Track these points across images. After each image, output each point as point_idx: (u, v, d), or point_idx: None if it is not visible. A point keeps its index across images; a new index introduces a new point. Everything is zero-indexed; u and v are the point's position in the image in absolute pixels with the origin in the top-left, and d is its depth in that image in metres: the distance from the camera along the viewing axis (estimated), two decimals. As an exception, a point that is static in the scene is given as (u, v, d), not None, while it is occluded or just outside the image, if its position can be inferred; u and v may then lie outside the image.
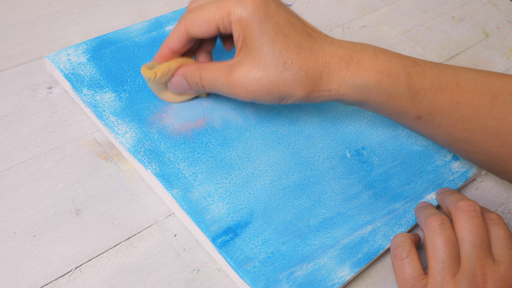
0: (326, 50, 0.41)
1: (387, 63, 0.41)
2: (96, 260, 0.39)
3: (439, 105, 0.41)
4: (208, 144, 0.45)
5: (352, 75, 0.40)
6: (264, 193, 0.43)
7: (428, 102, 0.41)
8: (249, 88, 0.41)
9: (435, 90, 0.41)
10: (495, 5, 0.73)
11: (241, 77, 0.41)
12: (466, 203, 0.40)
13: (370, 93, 0.41)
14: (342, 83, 0.41)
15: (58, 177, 0.42)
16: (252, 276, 0.38)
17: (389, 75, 0.41)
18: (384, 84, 0.41)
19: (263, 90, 0.41)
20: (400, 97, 0.41)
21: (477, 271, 0.37)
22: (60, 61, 0.47)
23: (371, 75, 0.40)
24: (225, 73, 0.41)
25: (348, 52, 0.41)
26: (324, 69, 0.40)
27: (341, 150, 0.47)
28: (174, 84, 0.45)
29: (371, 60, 0.41)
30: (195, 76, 0.43)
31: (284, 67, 0.40)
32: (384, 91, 0.41)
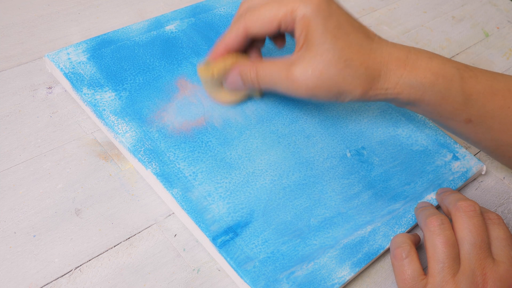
0: (384, 50, 0.42)
1: (442, 66, 0.42)
2: (96, 260, 0.39)
3: (491, 109, 0.43)
4: (209, 143, 0.45)
5: (408, 75, 0.42)
6: (264, 193, 0.43)
7: (480, 106, 0.43)
8: (309, 84, 0.41)
9: (487, 95, 0.42)
10: (495, 5, 0.73)
11: (301, 73, 0.41)
12: (466, 203, 0.40)
13: (425, 94, 0.42)
14: (398, 82, 0.42)
15: (58, 177, 0.42)
16: (252, 276, 0.38)
17: (443, 77, 0.42)
18: (439, 86, 0.42)
19: (323, 86, 0.41)
20: (453, 99, 0.42)
21: (477, 271, 0.37)
22: (60, 60, 0.47)
23: (427, 76, 0.42)
24: (284, 69, 0.42)
25: (404, 53, 0.42)
26: (383, 68, 0.42)
27: (341, 150, 0.47)
28: (229, 81, 0.45)
29: (427, 62, 0.42)
30: (252, 72, 0.43)
31: (345, 64, 0.41)
32: (438, 92, 0.42)
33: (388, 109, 0.52)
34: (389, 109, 0.52)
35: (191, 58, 0.51)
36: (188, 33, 0.53)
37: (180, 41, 0.52)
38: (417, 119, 0.52)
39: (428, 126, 0.51)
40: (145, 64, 0.49)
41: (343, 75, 0.41)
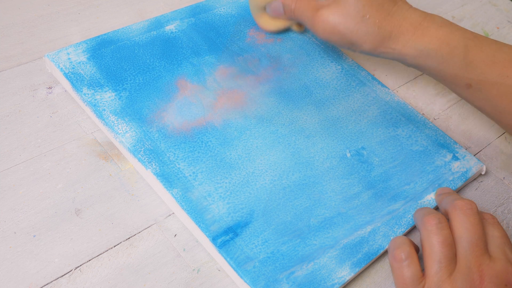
0: (401, 14, 0.47)
1: (449, 34, 0.46)
2: (96, 260, 0.39)
3: (489, 76, 0.46)
4: (208, 143, 0.45)
5: (416, 39, 0.46)
6: (264, 193, 0.43)
7: (479, 72, 0.46)
8: (327, 28, 0.48)
9: (488, 62, 0.46)
10: (495, 5, 0.73)
11: (323, 17, 0.48)
12: (463, 202, 0.40)
13: (428, 58, 0.47)
14: (406, 45, 0.47)
15: (58, 177, 0.42)
16: (252, 276, 0.38)
17: (448, 44, 0.46)
18: (442, 51, 0.46)
19: (337, 34, 0.48)
20: (455, 65, 0.46)
21: (473, 268, 0.37)
22: (60, 60, 0.47)
23: (432, 42, 0.46)
24: (314, 9, 0.49)
25: (419, 19, 0.47)
26: (394, 30, 0.47)
27: (341, 150, 0.47)
28: (272, 7, 0.53)
29: (436, 29, 0.46)
30: (292, 3, 0.51)
31: (362, 19, 0.46)
32: (441, 57, 0.46)
33: (388, 109, 0.52)
34: (389, 109, 0.52)
35: (191, 58, 0.51)
36: (188, 33, 0.53)
37: (180, 41, 0.52)
38: (417, 119, 0.52)
39: (428, 126, 0.51)
40: (145, 64, 0.49)
41: (357, 29, 0.47)
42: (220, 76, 0.50)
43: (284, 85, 0.52)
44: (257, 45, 0.54)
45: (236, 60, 0.52)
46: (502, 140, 0.55)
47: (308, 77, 0.53)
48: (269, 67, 0.53)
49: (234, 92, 0.50)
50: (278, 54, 0.54)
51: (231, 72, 0.51)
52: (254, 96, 0.50)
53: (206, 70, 0.50)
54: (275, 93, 0.51)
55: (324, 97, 0.52)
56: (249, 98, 0.49)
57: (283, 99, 0.50)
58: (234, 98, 0.49)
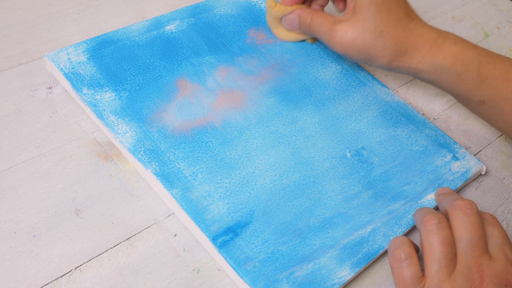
0: (417, 31, 0.48)
1: (463, 51, 0.47)
2: (96, 260, 0.39)
3: (503, 93, 0.47)
4: (208, 143, 0.45)
5: (431, 56, 0.47)
6: (264, 193, 0.43)
7: (493, 89, 0.47)
8: (344, 43, 0.48)
9: (501, 80, 0.47)
10: (495, 5, 0.73)
11: (341, 32, 0.48)
12: (463, 202, 0.40)
13: (443, 74, 0.47)
14: (421, 61, 0.48)
15: (58, 177, 0.42)
16: (252, 276, 0.38)
17: (462, 60, 0.47)
18: (456, 68, 0.47)
19: (355, 48, 0.48)
20: (469, 82, 0.47)
21: (473, 268, 0.37)
22: (60, 60, 0.47)
23: (447, 58, 0.47)
24: (331, 23, 0.49)
25: (434, 36, 0.48)
26: (410, 46, 0.47)
27: (341, 150, 0.47)
28: (287, 20, 0.53)
29: (450, 46, 0.47)
30: (307, 18, 0.52)
31: (380, 34, 0.47)
32: (455, 74, 0.47)
33: (388, 109, 0.52)
34: (389, 109, 0.52)
35: (191, 58, 0.51)
36: (188, 33, 0.53)
37: (180, 41, 0.52)
38: (417, 119, 0.52)
39: (428, 126, 0.51)
40: (145, 64, 0.49)
41: (374, 43, 0.47)
42: (220, 76, 0.50)
43: (284, 85, 0.52)
44: (257, 45, 0.54)
45: (236, 60, 0.52)
46: (502, 140, 0.55)
47: (308, 77, 0.53)
48: (269, 67, 0.53)
49: (234, 92, 0.50)
50: (278, 54, 0.54)
51: (231, 72, 0.51)
52: (254, 96, 0.50)
53: (206, 70, 0.50)
54: (275, 93, 0.51)
55: (324, 97, 0.52)
56: (249, 98, 0.49)
57: (283, 99, 0.50)
58: (234, 98, 0.49)
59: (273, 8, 0.53)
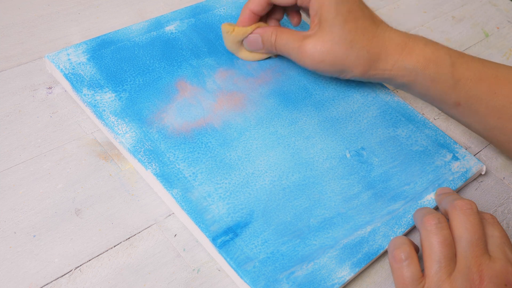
0: (386, 36, 0.47)
1: (435, 52, 0.47)
2: (96, 260, 0.39)
3: (477, 93, 0.46)
4: (208, 144, 0.45)
5: (404, 59, 0.47)
6: (264, 193, 0.43)
7: (467, 89, 0.46)
8: (316, 58, 0.47)
9: (475, 80, 0.46)
10: (495, 5, 0.73)
11: (310, 48, 0.47)
12: (463, 202, 0.40)
13: (417, 76, 0.47)
14: (395, 65, 0.47)
15: (58, 177, 0.42)
16: (252, 276, 0.38)
17: (435, 62, 0.46)
18: (430, 70, 0.46)
19: (328, 62, 0.47)
20: (443, 83, 0.47)
21: (473, 268, 0.37)
22: (60, 61, 0.47)
23: (420, 61, 0.46)
24: (298, 40, 0.48)
25: (403, 39, 0.47)
26: (383, 52, 0.47)
27: (341, 150, 0.48)
28: (249, 40, 0.51)
29: (421, 48, 0.47)
30: (272, 36, 0.49)
31: (350, 45, 0.46)
32: (429, 76, 0.47)
33: (388, 109, 0.52)
34: (389, 109, 0.52)
35: (191, 59, 0.51)
36: (188, 33, 0.53)
37: (180, 42, 0.52)
38: (417, 119, 0.52)
39: (428, 126, 0.51)
40: (145, 65, 0.49)
41: (346, 54, 0.46)
42: (220, 78, 0.51)
43: (283, 86, 0.52)
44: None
45: (235, 62, 0.52)
46: (502, 140, 0.55)
47: (307, 78, 0.53)
48: (268, 69, 0.53)
49: (233, 94, 0.50)
50: (277, 56, 0.54)
51: (230, 74, 0.51)
52: (254, 98, 0.50)
53: (205, 72, 0.51)
54: (274, 94, 0.51)
55: (324, 98, 0.52)
56: (248, 100, 0.50)
57: (282, 101, 0.50)
58: (234, 100, 0.49)
59: (231, 33, 0.50)
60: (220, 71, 0.51)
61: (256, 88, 0.51)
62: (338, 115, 0.50)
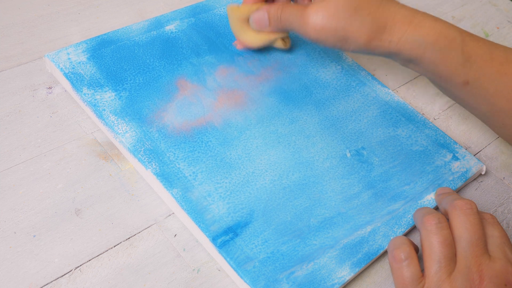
0: (392, 7, 0.45)
1: (446, 28, 0.45)
2: (96, 260, 0.39)
3: (487, 72, 0.45)
4: (208, 143, 0.45)
5: (412, 31, 0.44)
6: (264, 193, 0.43)
7: (477, 68, 0.45)
8: (318, 24, 0.45)
9: (486, 59, 0.45)
10: (495, 5, 0.73)
11: (313, 15, 0.45)
12: (463, 202, 0.40)
13: (426, 50, 0.45)
14: (402, 37, 0.45)
15: (58, 177, 0.42)
16: (252, 276, 0.38)
17: (445, 36, 0.45)
18: (440, 44, 0.44)
19: (330, 29, 0.45)
20: (453, 59, 0.45)
21: (472, 268, 0.37)
22: (60, 60, 0.47)
23: (430, 34, 0.44)
24: (301, 10, 0.46)
25: (411, 13, 0.45)
26: (389, 21, 0.45)
27: (341, 150, 0.47)
28: (256, 18, 0.49)
29: (431, 22, 0.45)
30: (278, 11, 0.48)
31: (354, 11, 0.44)
32: (439, 50, 0.45)
33: (388, 109, 0.52)
34: (389, 109, 0.52)
35: (191, 58, 0.51)
36: (188, 33, 0.53)
37: (180, 41, 0.52)
38: (417, 119, 0.52)
39: (428, 126, 0.51)
40: (145, 64, 0.49)
41: (350, 21, 0.44)
42: (220, 76, 0.50)
43: (284, 85, 0.52)
44: (257, 45, 0.54)
45: (236, 60, 0.52)
46: (502, 140, 0.55)
47: (308, 77, 0.53)
48: (269, 67, 0.53)
49: (234, 92, 0.50)
50: (278, 54, 0.54)
51: (231, 72, 0.51)
52: (254, 96, 0.50)
53: (206, 70, 0.50)
54: (275, 93, 0.51)
55: (324, 97, 0.52)
56: (249, 98, 0.49)
57: (283, 99, 0.50)
58: (234, 98, 0.49)
59: (236, 10, 0.50)
60: (221, 68, 0.51)
61: (257, 86, 0.51)
62: (338, 115, 0.50)
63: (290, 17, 0.47)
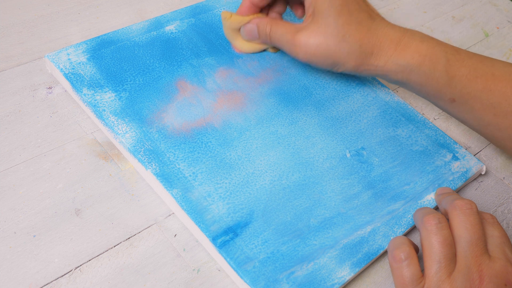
0: (380, 31, 0.47)
1: (430, 49, 0.46)
2: (96, 260, 0.39)
3: (473, 90, 0.46)
4: (208, 144, 0.45)
5: (397, 55, 0.46)
6: (264, 193, 0.43)
7: (462, 86, 0.46)
8: (308, 50, 0.47)
9: (470, 77, 0.46)
10: (495, 5, 0.73)
11: (303, 40, 0.47)
12: (463, 202, 0.40)
13: (411, 73, 0.46)
14: (388, 61, 0.46)
15: (58, 177, 0.42)
16: (252, 276, 0.38)
17: (430, 59, 0.46)
18: (424, 67, 0.46)
19: (320, 55, 0.47)
20: (438, 80, 0.46)
21: (472, 268, 0.37)
22: (60, 60, 0.47)
23: (414, 57, 0.46)
24: (292, 32, 0.48)
25: (399, 35, 0.46)
26: (376, 47, 0.46)
27: (341, 150, 0.48)
28: (246, 30, 0.51)
29: (417, 44, 0.46)
30: (267, 27, 0.49)
31: (343, 39, 0.46)
32: (424, 73, 0.46)
33: (388, 109, 0.52)
34: (389, 109, 0.52)
35: (191, 59, 0.51)
36: (188, 33, 0.53)
37: (180, 42, 0.52)
38: (417, 119, 0.52)
39: (428, 126, 0.51)
40: (145, 65, 0.49)
41: (339, 48, 0.46)
42: (220, 77, 0.51)
43: (283, 86, 0.52)
44: (257, 45, 0.54)
45: (235, 61, 0.52)
46: (502, 140, 0.55)
47: (308, 78, 0.53)
48: (269, 68, 0.53)
49: (233, 94, 0.50)
50: (277, 56, 0.54)
51: (230, 73, 0.51)
52: (254, 97, 0.50)
53: (205, 72, 0.51)
54: (274, 94, 0.51)
55: (324, 97, 0.52)
56: (248, 99, 0.50)
57: (282, 100, 0.50)
58: (234, 99, 0.49)
59: (228, 19, 0.51)
60: (220, 70, 0.51)
61: (256, 87, 0.51)
62: (338, 115, 0.50)
63: (281, 38, 0.49)
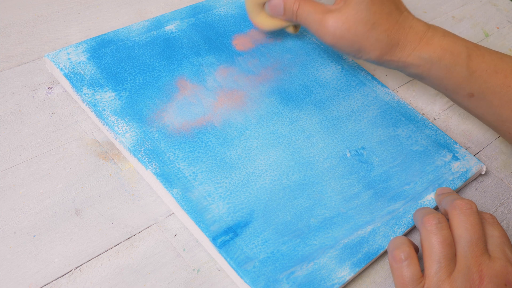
0: (407, 23, 0.47)
1: (452, 43, 0.47)
2: (96, 260, 0.39)
3: (492, 86, 0.47)
4: (208, 143, 0.45)
5: (420, 48, 0.47)
6: (264, 193, 0.43)
7: (482, 81, 0.47)
8: (337, 33, 0.47)
9: (490, 72, 0.47)
10: (495, 5, 0.73)
11: (333, 22, 0.47)
12: (463, 202, 0.40)
13: (432, 67, 0.47)
14: (411, 54, 0.47)
15: (58, 177, 0.42)
16: (252, 276, 0.38)
17: (451, 53, 0.47)
18: (446, 60, 0.47)
19: (347, 39, 0.47)
20: (458, 74, 0.47)
21: (472, 268, 0.37)
22: (60, 60, 0.47)
23: (436, 51, 0.47)
24: (321, 12, 0.47)
25: (423, 29, 0.47)
26: (401, 39, 0.47)
27: (341, 150, 0.47)
28: (272, 5, 0.50)
29: (440, 39, 0.47)
30: (295, 4, 0.49)
31: (373, 27, 0.46)
32: (445, 67, 0.47)
33: (388, 109, 0.52)
34: (389, 109, 0.52)
35: (191, 58, 0.51)
36: (188, 33, 0.53)
37: (180, 41, 0.52)
38: (417, 119, 0.52)
39: (428, 126, 0.51)
40: (145, 64, 0.49)
41: (367, 36, 0.46)
42: (220, 76, 0.51)
43: (284, 85, 0.52)
44: (257, 45, 0.54)
45: (236, 60, 0.52)
46: (502, 140, 0.55)
47: (308, 77, 0.53)
48: (269, 67, 0.53)
49: (234, 92, 0.50)
50: (278, 54, 0.54)
51: (231, 72, 0.51)
52: (254, 96, 0.50)
53: (206, 70, 0.51)
54: (275, 93, 0.51)
55: (324, 97, 0.52)
56: (249, 98, 0.50)
57: (283, 99, 0.50)
58: (234, 98, 0.49)
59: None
60: (221, 68, 0.51)
61: (257, 86, 0.51)
62: (338, 114, 0.50)
63: (308, 17, 0.48)
